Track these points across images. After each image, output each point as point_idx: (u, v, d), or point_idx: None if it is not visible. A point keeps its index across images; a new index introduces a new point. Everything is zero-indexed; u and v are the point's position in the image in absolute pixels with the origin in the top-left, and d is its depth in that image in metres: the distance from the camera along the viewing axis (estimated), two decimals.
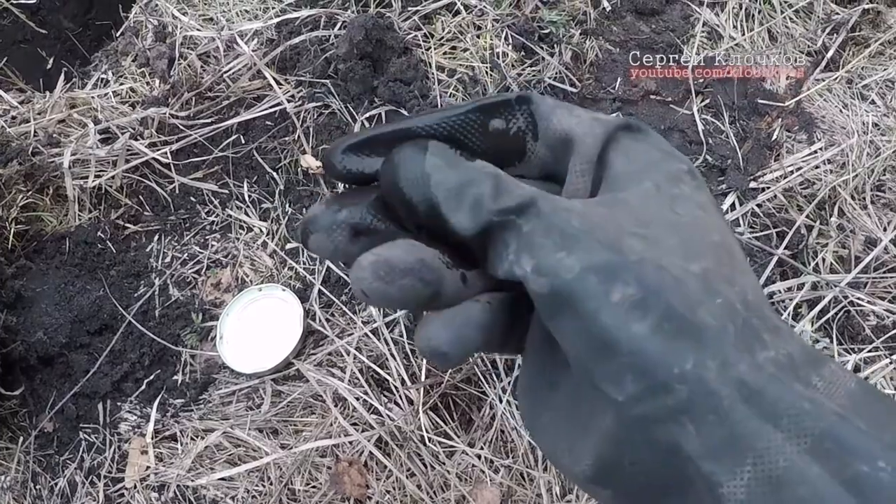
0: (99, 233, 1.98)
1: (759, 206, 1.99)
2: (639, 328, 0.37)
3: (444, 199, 0.42)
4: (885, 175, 2.07)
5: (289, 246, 1.97)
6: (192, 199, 2.06)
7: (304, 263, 1.93)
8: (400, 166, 0.43)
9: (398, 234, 0.45)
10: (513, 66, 2.08)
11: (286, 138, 2.04)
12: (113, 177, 2.01)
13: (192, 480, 1.71)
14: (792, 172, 2.04)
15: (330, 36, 2.10)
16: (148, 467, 1.74)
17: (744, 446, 0.36)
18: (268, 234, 1.98)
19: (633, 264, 0.39)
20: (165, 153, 2.04)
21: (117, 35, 2.41)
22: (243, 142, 2.07)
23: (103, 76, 2.26)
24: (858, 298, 1.87)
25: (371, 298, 0.42)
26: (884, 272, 1.92)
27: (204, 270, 1.97)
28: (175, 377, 1.83)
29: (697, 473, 0.37)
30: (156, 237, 2.02)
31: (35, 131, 2.04)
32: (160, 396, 1.81)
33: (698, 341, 0.37)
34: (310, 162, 1.98)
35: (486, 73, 2.05)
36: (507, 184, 0.43)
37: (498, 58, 2.06)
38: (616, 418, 0.39)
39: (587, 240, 0.39)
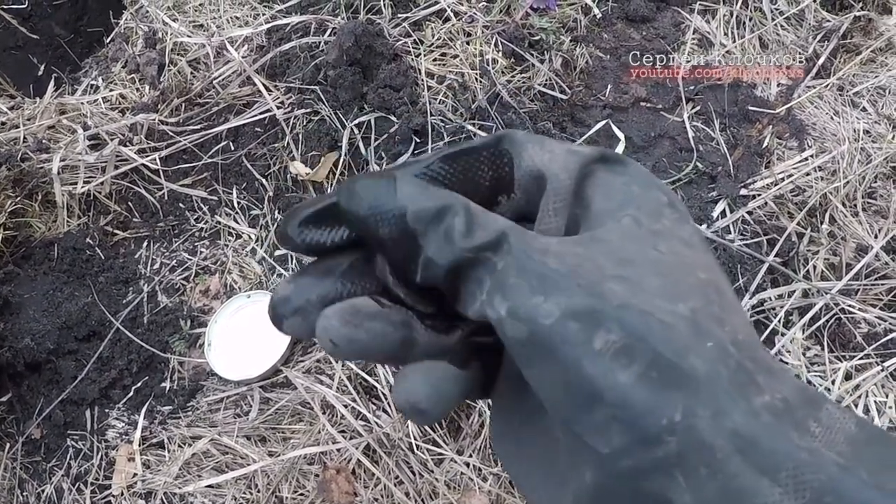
0: (87, 239, 1.98)
1: (749, 213, 1.99)
2: (624, 377, 0.35)
3: (417, 224, 0.40)
4: (876, 182, 2.07)
5: (277, 253, 1.96)
6: (181, 205, 2.05)
7: (293, 271, 1.93)
8: (370, 196, 0.41)
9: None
10: (503, 72, 2.08)
11: (275, 145, 2.03)
12: (102, 183, 2.00)
13: (180, 488, 1.70)
14: (783, 179, 2.04)
15: (320, 42, 2.09)
16: (135, 474, 1.73)
17: (740, 502, 0.34)
18: (256, 241, 1.98)
19: (616, 309, 0.37)
20: (154, 159, 2.03)
21: (108, 41, 2.41)
22: (233, 148, 2.07)
23: (93, 82, 2.26)
24: (850, 306, 1.86)
25: (340, 347, 0.40)
26: (875, 279, 1.91)
27: (192, 277, 1.96)
28: (163, 384, 1.83)
29: None
30: (144, 244, 2.02)
31: (24, 137, 2.04)
32: (148, 403, 1.80)
33: (689, 389, 0.35)
34: (299, 169, 1.98)
35: (476, 79, 2.05)
36: (479, 216, 0.41)
37: (488, 64, 2.06)
38: (600, 471, 0.37)
39: (565, 283, 0.38)
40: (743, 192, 2.02)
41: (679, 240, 0.42)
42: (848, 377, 1.80)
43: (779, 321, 1.84)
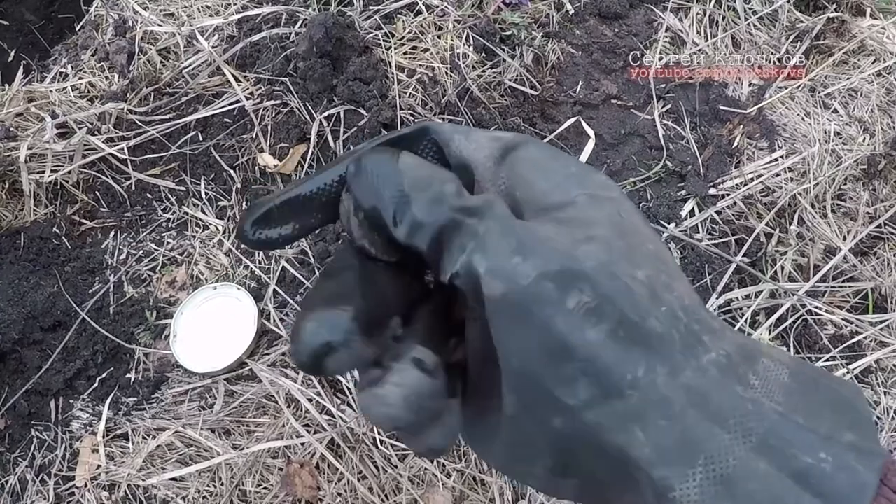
0: (54, 228, 1.96)
1: (718, 212, 1.99)
2: (593, 334, 0.38)
3: (412, 190, 0.43)
4: (845, 184, 2.08)
5: (244, 245, 1.95)
6: (148, 195, 2.04)
7: (260, 263, 1.92)
8: (373, 167, 0.45)
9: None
10: (473, 67, 2.07)
11: (244, 136, 2.02)
12: (69, 172, 1.99)
13: (143, 480, 1.69)
14: (752, 180, 2.05)
15: (290, 34, 2.08)
16: (99, 466, 1.72)
17: (694, 449, 0.37)
18: (224, 233, 1.97)
19: (589, 270, 0.39)
20: (123, 149, 2.02)
21: (78, 29, 2.39)
22: (201, 139, 2.06)
23: (62, 70, 2.24)
24: (816, 307, 1.87)
25: (399, 425, 0.42)
26: (842, 281, 1.93)
27: (159, 268, 1.95)
28: (128, 375, 1.82)
29: (647, 479, 0.38)
30: (111, 234, 2.00)
31: None
32: (112, 394, 1.79)
33: (649, 348, 0.38)
34: (267, 160, 1.97)
35: (447, 74, 2.04)
36: (466, 190, 0.44)
37: (458, 59, 2.05)
38: (567, 422, 0.39)
39: (542, 247, 0.40)
40: (712, 191, 2.03)
41: (628, 210, 0.45)
42: None
43: (745, 321, 1.84)
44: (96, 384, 1.81)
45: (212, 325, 1.83)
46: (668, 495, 0.37)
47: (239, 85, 2.04)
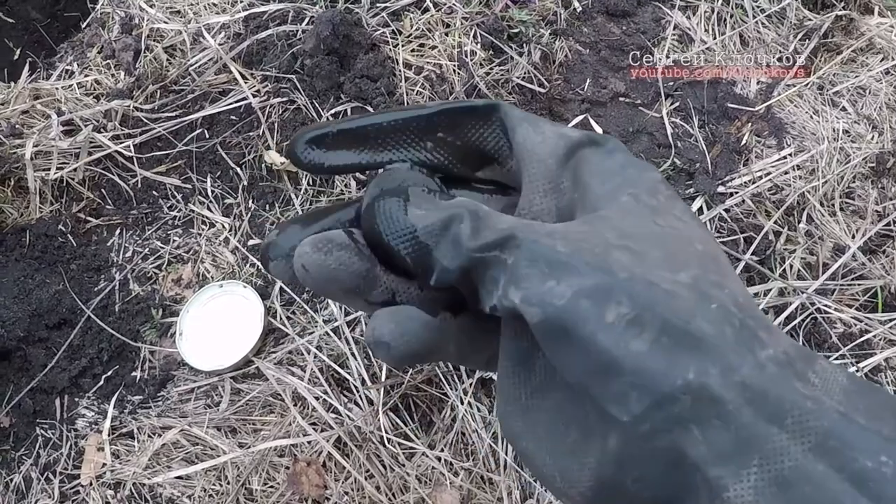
0: (60, 226, 1.96)
1: (726, 210, 1.98)
2: (637, 345, 0.37)
3: (427, 238, 0.44)
4: (854, 182, 2.07)
5: (251, 242, 1.95)
6: (154, 193, 2.04)
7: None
8: (384, 222, 0.45)
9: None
10: (481, 64, 2.07)
11: (251, 133, 2.02)
12: (75, 169, 1.98)
13: (149, 478, 1.69)
14: (761, 178, 2.04)
15: (297, 31, 2.08)
16: (104, 464, 1.72)
17: (749, 448, 0.36)
18: (230, 230, 1.97)
19: (624, 282, 0.39)
20: (128, 146, 2.01)
21: (84, 26, 2.39)
22: (207, 136, 2.05)
23: (68, 67, 2.24)
24: (825, 306, 1.86)
25: (310, 272, 0.44)
26: (851, 279, 1.92)
27: (165, 266, 1.95)
28: (133, 373, 1.81)
29: (703, 480, 0.37)
30: (117, 231, 2.00)
31: None
32: (118, 393, 1.79)
33: (698, 350, 0.37)
34: (274, 158, 1.97)
35: (454, 71, 2.04)
36: (486, 219, 0.44)
37: (466, 56, 2.05)
38: (621, 438, 0.39)
39: (574, 263, 0.40)
40: (720, 189, 2.02)
41: (674, 215, 0.45)
42: None
43: None
44: (102, 382, 1.80)
45: (218, 323, 1.82)
46: (723, 495, 0.36)
47: (246, 82, 2.04)
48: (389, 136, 0.50)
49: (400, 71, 2.01)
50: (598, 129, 2.11)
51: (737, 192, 2.01)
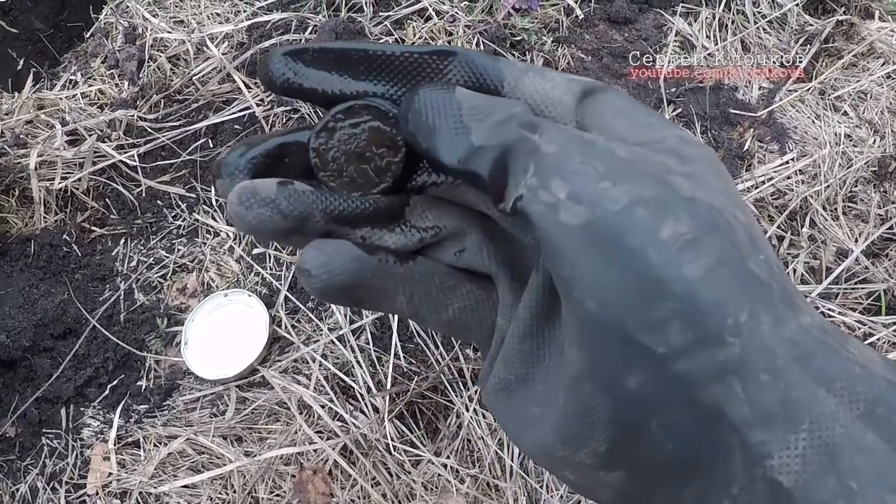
0: (64, 235, 1.96)
1: None
2: (691, 270, 0.34)
3: (471, 119, 0.40)
4: (856, 186, 2.07)
5: (255, 251, 1.95)
6: (158, 202, 2.04)
7: (271, 269, 1.92)
8: (427, 100, 0.41)
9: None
10: None
11: None
12: (79, 179, 1.99)
13: (155, 487, 1.69)
14: (763, 183, 2.04)
15: (301, 40, 2.08)
16: (110, 474, 1.72)
17: (799, 411, 0.34)
18: (234, 239, 1.97)
19: (685, 201, 0.35)
20: (133, 156, 2.02)
21: (87, 36, 2.40)
22: (211, 145, 2.06)
23: (72, 77, 2.24)
24: (829, 310, 1.86)
25: (235, 224, 0.41)
26: (855, 283, 1.92)
27: (170, 275, 1.95)
28: (139, 383, 1.81)
29: (740, 444, 0.34)
30: (122, 241, 2.00)
31: (2, 132, 2.02)
32: (124, 402, 1.79)
33: (753, 292, 0.35)
34: None
35: None
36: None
37: None
38: (649, 375, 0.35)
39: (632, 170, 0.36)
40: None
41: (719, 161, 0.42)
42: None
43: None
44: (107, 392, 1.81)
45: (223, 332, 1.83)
46: (765, 463, 0.33)
47: (249, 91, 2.04)
48: (374, 65, 0.45)
49: None
50: None
51: None
